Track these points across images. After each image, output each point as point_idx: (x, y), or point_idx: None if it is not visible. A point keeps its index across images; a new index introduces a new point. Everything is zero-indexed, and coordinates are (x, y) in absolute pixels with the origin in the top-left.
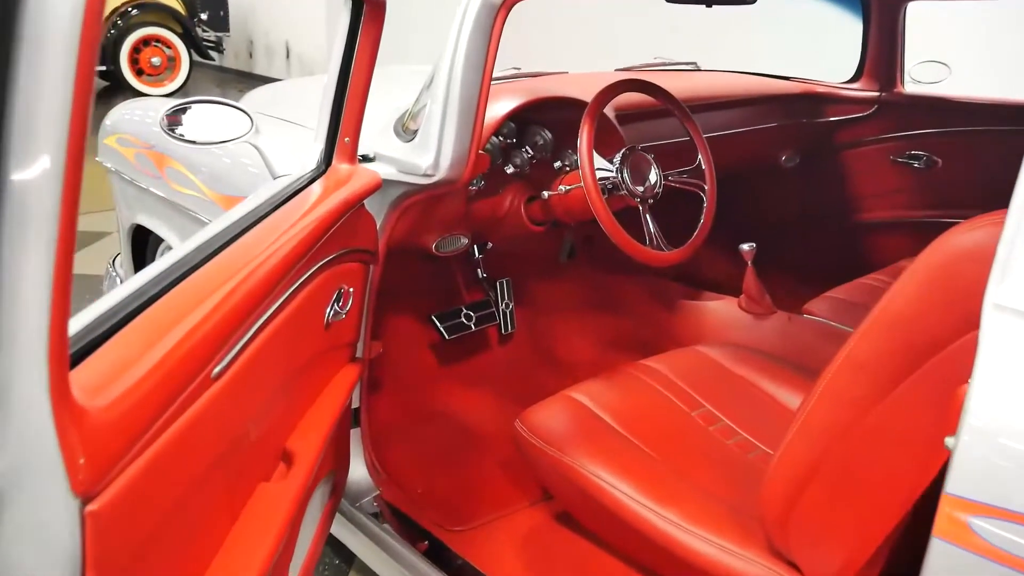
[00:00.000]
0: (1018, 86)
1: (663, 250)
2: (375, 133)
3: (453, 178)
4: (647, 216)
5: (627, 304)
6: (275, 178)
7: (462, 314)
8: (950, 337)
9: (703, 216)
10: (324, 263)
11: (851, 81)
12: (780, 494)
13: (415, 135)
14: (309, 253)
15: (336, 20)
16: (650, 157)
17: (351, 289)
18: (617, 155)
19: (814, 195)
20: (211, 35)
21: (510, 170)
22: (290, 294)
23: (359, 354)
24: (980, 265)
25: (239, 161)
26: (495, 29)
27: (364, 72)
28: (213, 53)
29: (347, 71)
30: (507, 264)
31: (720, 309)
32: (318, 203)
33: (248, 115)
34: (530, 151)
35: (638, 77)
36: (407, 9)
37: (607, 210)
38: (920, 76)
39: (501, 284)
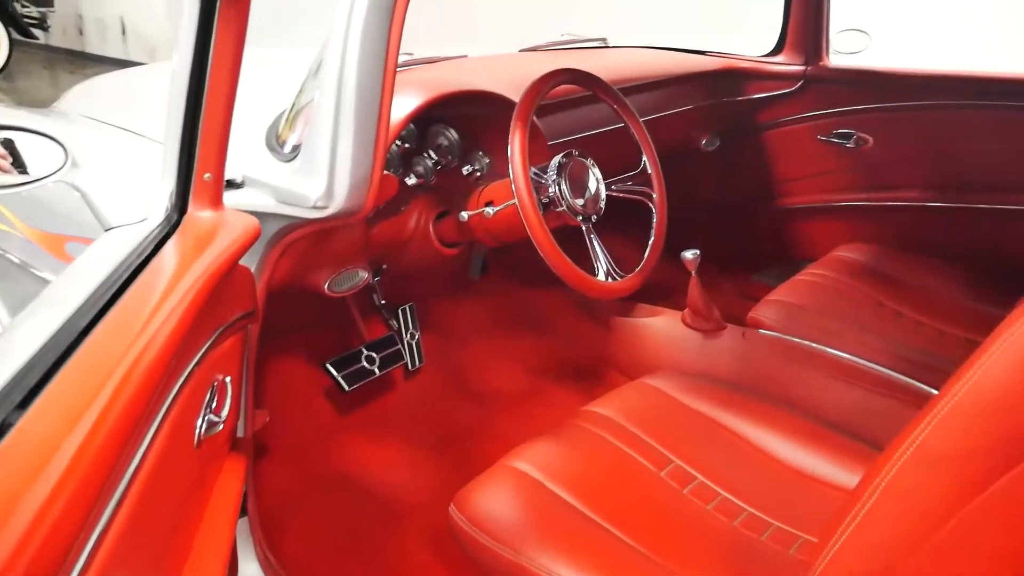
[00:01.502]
0: (939, 54)
1: (616, 279)
2: (240, 144)
3: (352, 209)
4: (592, 237)
5: (554, 323)
6: (106, 229)
7: (363, 357)
8: None
9: (653, 231)
10: (189, 371)
11: (772, 54)
12: None
13: (297, 152)
14: (167, 372)
15: None
16: (588, 163)
17: (227, 378)
18: (551, 163)
19: (738, 180)
20: (32, 10)
21: (412, 181)
22: (144, 450)
23: (240, 432)
24: None
25: (56, 201)
26: (396, 12)
27: (226, 78)
28: (36, 31)
29: (201, 79)
30: (409, 287)
31: (662, 327)
32: (173, 285)
33: (61, 145)
34: (434, 156)
35: (574, 68)
36: None
37: (550, 238)
38: (840, 46)
39: (404, 311)
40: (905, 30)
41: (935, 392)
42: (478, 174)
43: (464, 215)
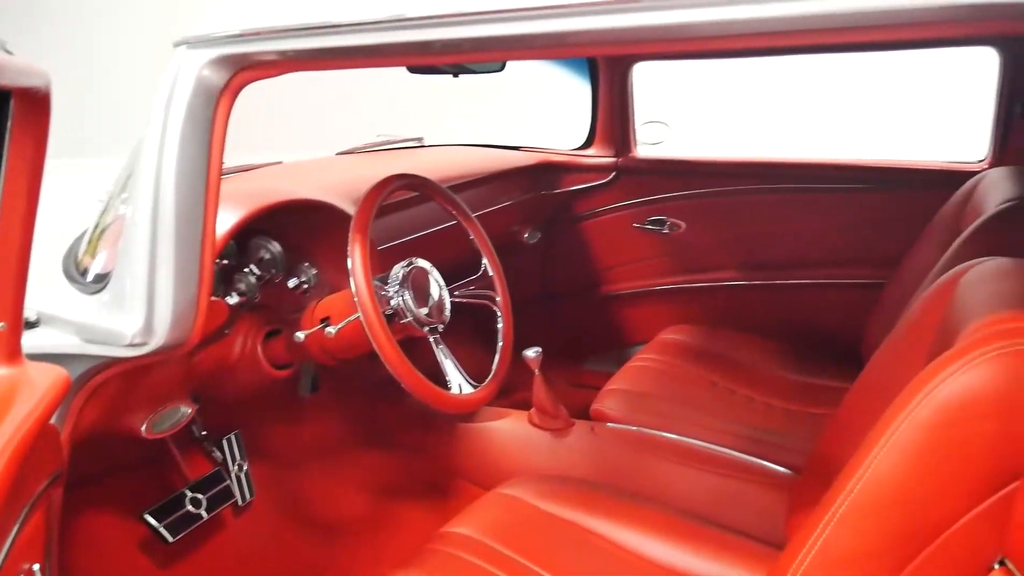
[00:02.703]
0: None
1: (468, 390)
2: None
3: (176, 342)
4: (440, 348)
5: (395, 437)
6: None
7: (187, 500)
8: (960, 512)
9: (501, 335)
10: None
11: (584, 147)
12: None
13: (104, 281)
14: None
15: None
16: (427, 267)
17: (35, 567)
18: (392, 272)
19: (561, 270)
20: None
21: (234, 300)
22: None
23: None
24: (990, 420)
25: None
26: (217, 122)
27: (20, 212)
28: None
29: None
30: (233, 413)
31: (510, 430)
32: None
33: None
34: (256, 271)
35: (408, 172)
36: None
37: (400, 354)
38: (643, 137)
39: (228, 441)
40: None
41: (781, 470)
42: (306, 287)
43: (300, 335)
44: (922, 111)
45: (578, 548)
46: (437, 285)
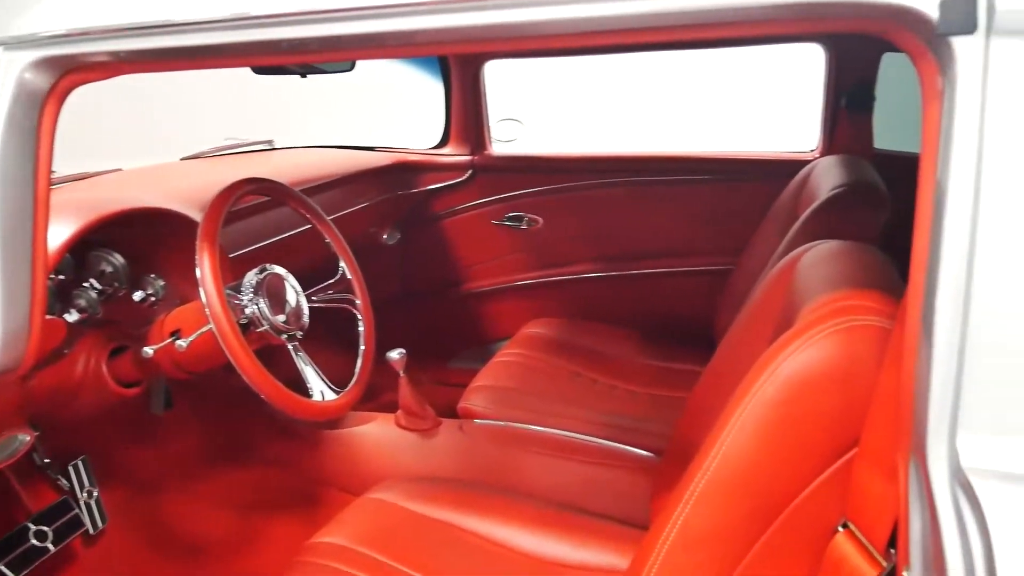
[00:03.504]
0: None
1: (331, 396)
2: None
3: (7, 366)
4: (300, 356)
5: (258, 450)
6: None
7: (31, 533)
8: (806, 481)
9: (363, 339)
10: None
11: (440, 146)
12: None
13: None
14: None
15: None
16: (282, 273)
17: None
18: (245, 280)
19: (422, 270)
20: None
21: (74, 318)
22: None
23: None
24: (829, 393)
25: None
26: (43, 129)
27: None
28: None
29: None
30: (79, 436)
31: (377, 433)
32: None
33: None
34: (97, 285)
35: (258, 176)
36: None
37: (257, 364)
38: (498, 135)
39: (75, 467)
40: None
41: (644, 454)
42: (153, 299)
43: (148, 350)
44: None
45: (451, 547)
46: (294, 291)
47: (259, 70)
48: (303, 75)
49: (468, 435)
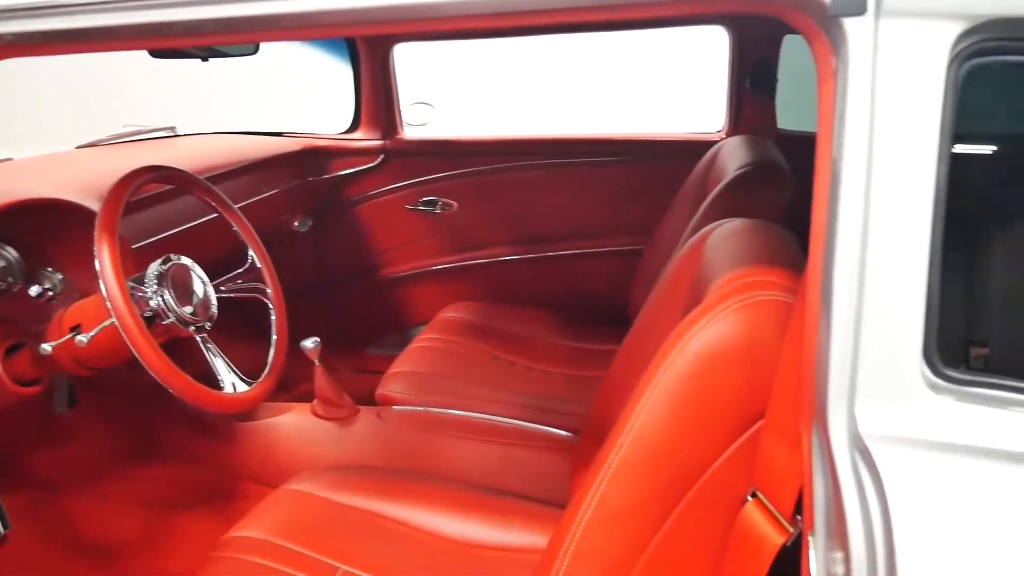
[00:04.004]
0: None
1: (243, 388)
2: None
3: None
4: (209, 347)
5: (170, 443)
6: None
7: None
8: (716, 453)
9: (275, 329)
10: None
11: (350, 131)
12: None
13: None
14: None
15: None
16: (188, 263)
17: None
18: (148, 271)
19: (336, 257)
20: None
21: None
22: None
23: None
24: (735, 367)
25: None
26: None
27: None
28: None
29: None
30: None
31: (293, 424)
32: None
33: None
34: None
35: (158, 164)
36: None
37: (163, 357)
38: (410, 119)
39: None
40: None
41: (562, 433)
42: (51, 294)
43: (46, 347)
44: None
45: (371, 535)
46: (200, 281)
47: (156, 53)
48: (204, 59)
49: (386, 422)
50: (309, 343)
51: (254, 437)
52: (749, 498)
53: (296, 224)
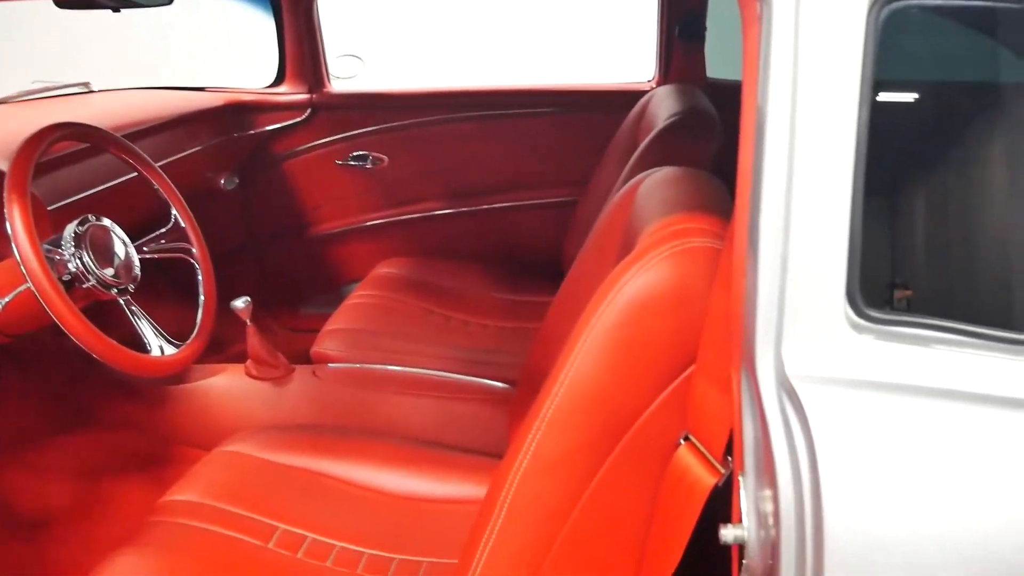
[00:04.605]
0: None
1: (171, 351)
2: None
3: None
4: (134, 310)
5: (99, 410)
6: None
7: None
8: (648, 399)
9: (202, 289)
10: None
11: (275, 85)
12: None
13: None
14: None
15: None
16: (107, 224)
17: None
18: (65, 233)
19: (265, 215)
20: None
21: None
22: None
23: None
24: (666, 314)
25: None
26: None
27: None
28: None
29: None
30: None
31: (226, 385)
32: None
33: None
34: None
35: (71, 121)
36: None
37: (84, 321)
38: (337, 72)
39: None
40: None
41: (499, 385)
42: None
43: None
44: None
45: (311, 493)
46: (121, 242)
47: (63, 4)
48: (115, 9)
49: (322, 380)
50: (240, 303)
51: (186, 400)
52: (682, 442)
53: (222, 182)
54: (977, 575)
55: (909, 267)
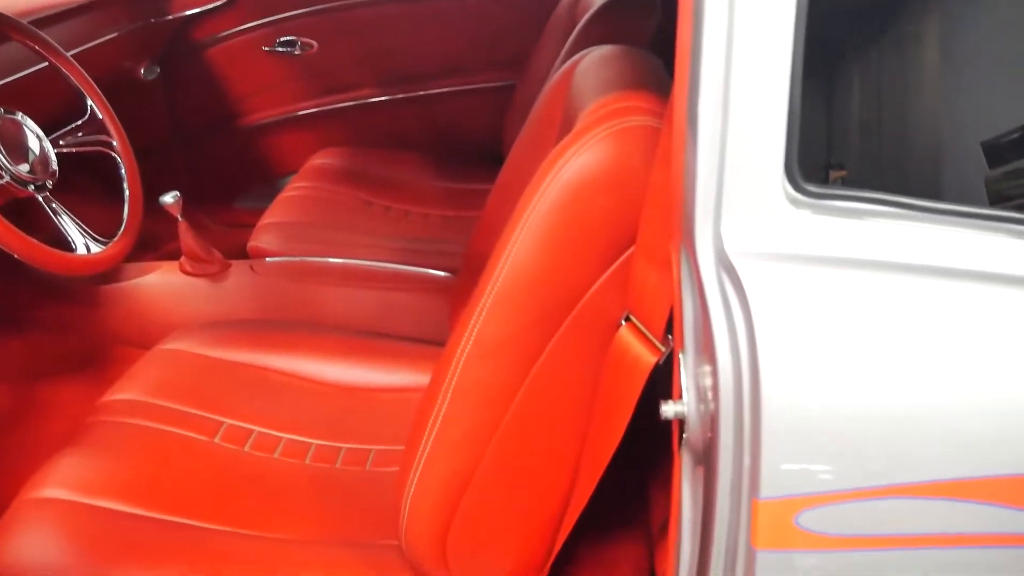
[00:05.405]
0: None
1: (97, 249)
2: None
3: None
4: (55, 207)
5: (29, 314)
6: None
7: None
8: (589, 281)
9: (127, 183)
10: None
11: None
12: (430, 523)
13: None
14: None
15: None
16: (18, 118)
17: None
18: None
19: (191, 106)
20: None
21: None
22: None
23: None
24: (605, 194)
25: None
26: None
27: None
28: None
29: None
30: None
31: (161, 283)
32: None
33: None
34: None
35: None
36: None
37: (3, 221)
38: None
39: None
40: None
41: (441, 274)
42: None
43: None
44: None
45: (255, 387)
46: (35, 136)
47: None
48: None
49: (261, 274)
50: (169, 198)
51: (121, 299)
52: (623, 322)
53: (142, 72)
54: (911, 444)
55: (844, 147)
